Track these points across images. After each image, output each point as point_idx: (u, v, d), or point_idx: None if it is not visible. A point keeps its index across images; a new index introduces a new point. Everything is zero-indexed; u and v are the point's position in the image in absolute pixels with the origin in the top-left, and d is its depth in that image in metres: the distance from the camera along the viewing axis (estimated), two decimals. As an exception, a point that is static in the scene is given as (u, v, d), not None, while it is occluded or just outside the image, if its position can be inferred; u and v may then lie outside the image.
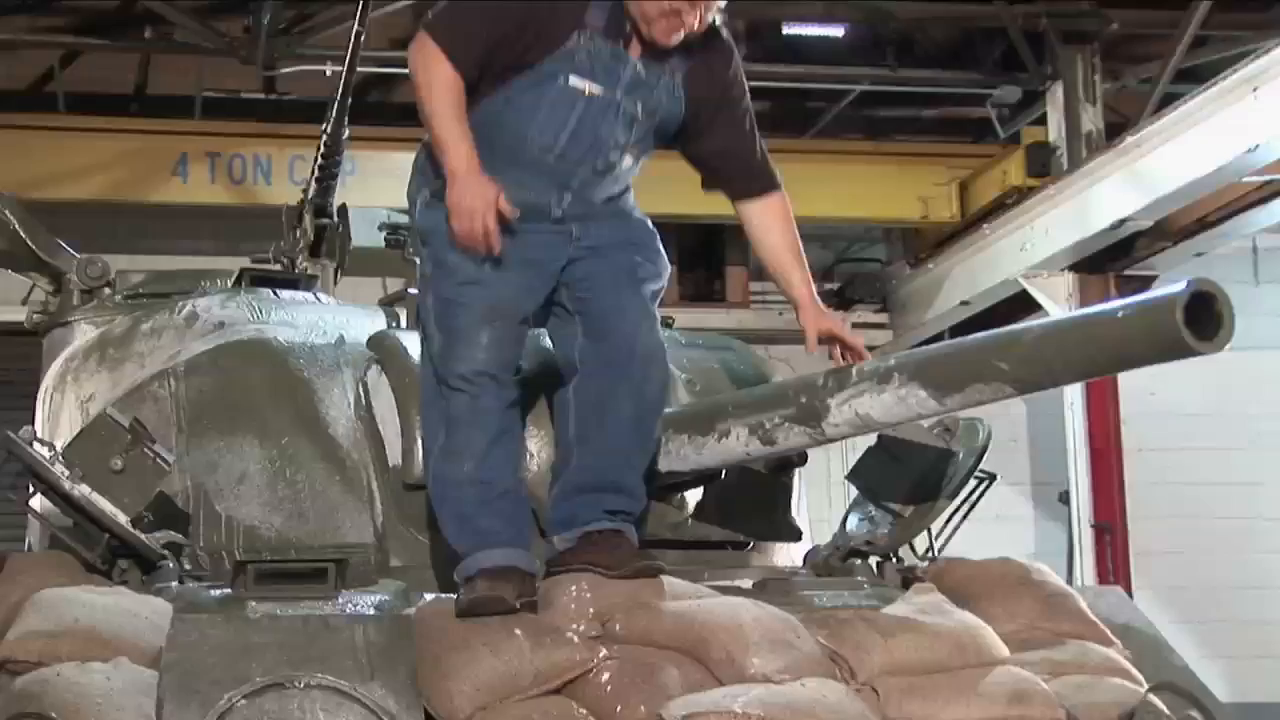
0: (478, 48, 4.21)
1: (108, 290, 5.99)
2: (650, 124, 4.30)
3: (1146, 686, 4.17)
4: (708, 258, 13.83)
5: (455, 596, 4.07)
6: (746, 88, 4.52)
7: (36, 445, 4.39)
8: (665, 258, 4.48)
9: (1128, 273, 11.16)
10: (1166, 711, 4.07)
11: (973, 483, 4.85)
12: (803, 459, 4.95)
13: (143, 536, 4.44)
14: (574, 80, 4.18)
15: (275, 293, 5.74)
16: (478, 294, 4.17)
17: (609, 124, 4.24)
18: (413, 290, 5.83)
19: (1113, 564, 11.09)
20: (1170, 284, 3.75)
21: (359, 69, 6.63)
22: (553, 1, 4.23)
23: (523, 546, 4.20)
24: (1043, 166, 11.80)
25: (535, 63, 4.19)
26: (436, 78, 4.20)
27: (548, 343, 4.51)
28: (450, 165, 4.13)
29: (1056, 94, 11.96)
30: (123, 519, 4.40)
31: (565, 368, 4.38)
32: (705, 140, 4.47)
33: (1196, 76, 10.59)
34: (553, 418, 4.51)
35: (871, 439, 4.83)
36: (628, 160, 4.34)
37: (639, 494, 4.34)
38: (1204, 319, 3.64)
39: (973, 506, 4.92)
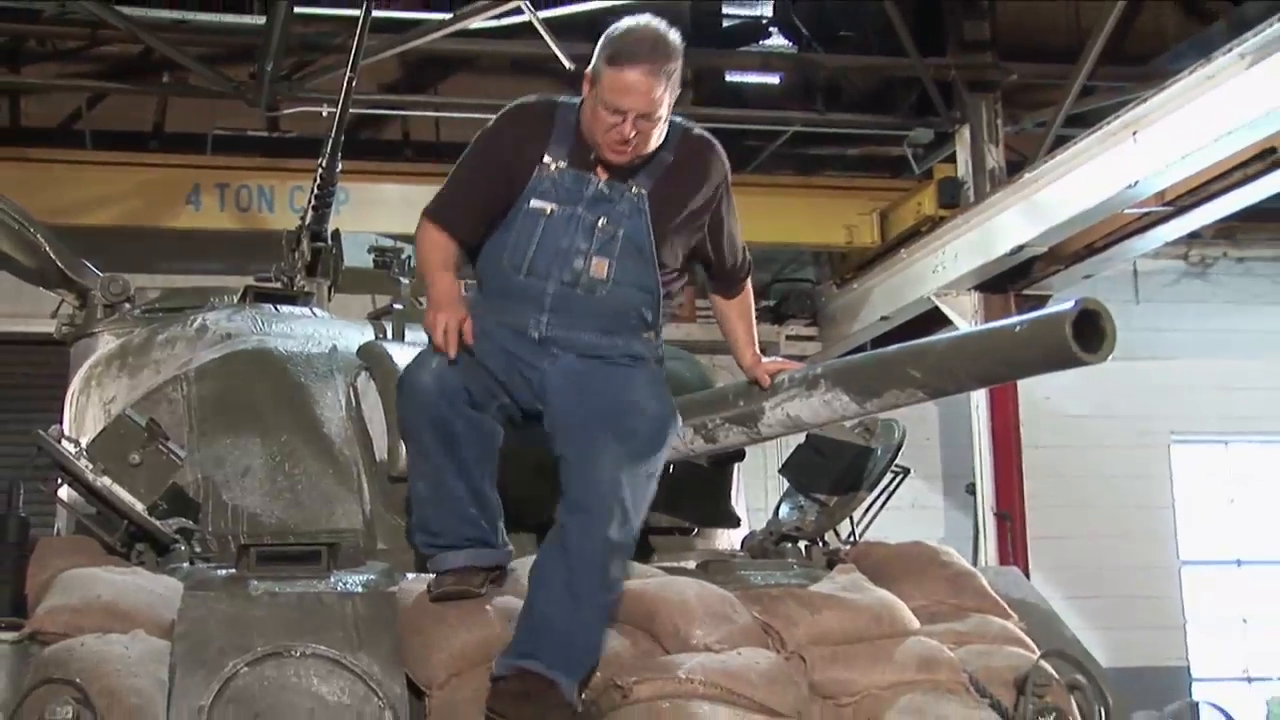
0: (461, 210, 4.15)
1: (128, 305, 5.95)
2: (612, 232, 4.03)
3: (1039, 654, 4.18)
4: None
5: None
6: (723, 205, 4.27)
7: (64, 442, 4.37)
8: (663, 413, 4.08)
9: (1026, 292, 11.21)
10: (1055, 675, 4.07)
11: (890, 476, 4.87)
12: (741, 455, 4.95)
13: (157, 523, 4.42)
14: (534, 203, 4.05)
15: (276, 308, 5.72)
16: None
17: (569, 234, 4.03)
18: (398, 305, 5.83)
19: (1013, 547, 11.12)
20: (1061, 303, 3.77)
21: (351, 110, 6.60)
22: (517, 147, 4.11)
23: (486, 545, 4.08)
24: (952, 199, 11.85)
25: (515, 201, 4.08)
26: (426, 238, 4.19)
27: None
28: (431, 296, 4.11)
29: (964, 135, 12.02)
30: (140, 507, 4.38)
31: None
32: (679, 248, 4.21)
33: (1085, 121, 10.64)
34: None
35: (801, 438, 4.85)
36: (597, 268, 4.03)
37: (562, 650, 3.78)
38: (1090, 333, 3.67)
39: (889, 497, 4.94)
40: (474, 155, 4.22)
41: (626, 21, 4.03)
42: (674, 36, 3.99)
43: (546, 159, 4.07)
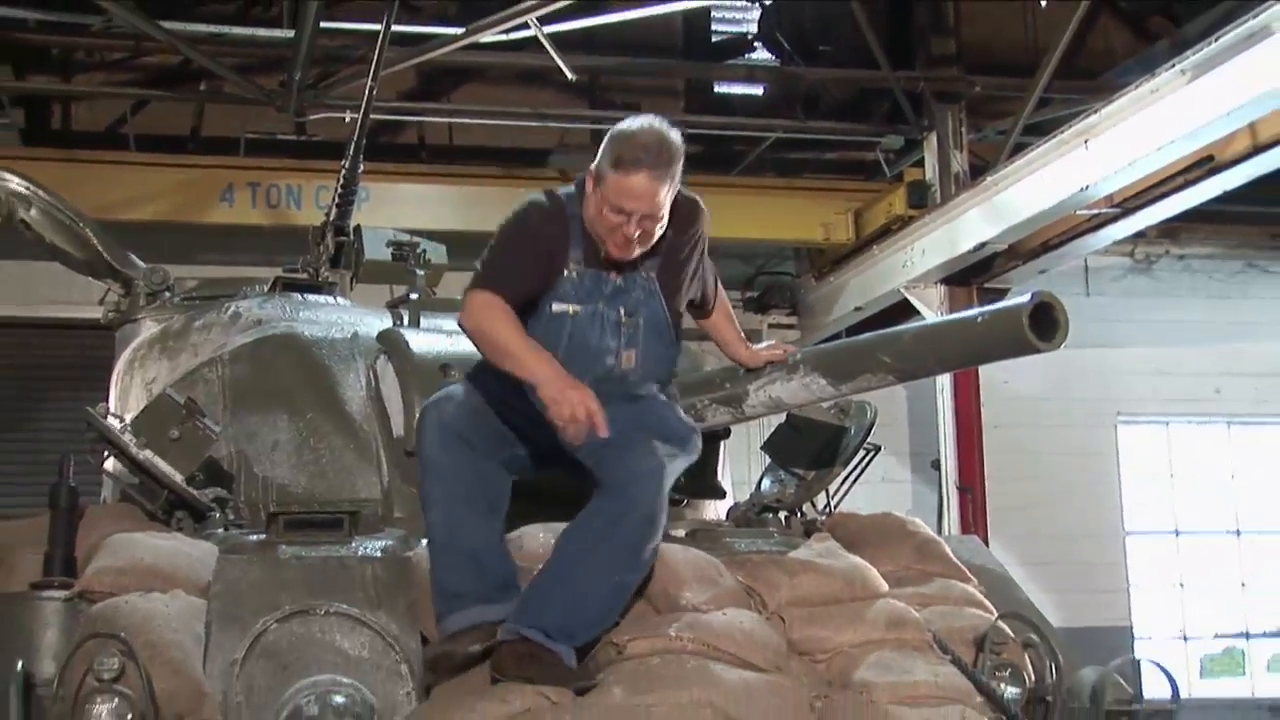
0: (515, 281, 3.86)
1: (168, 293, 5.95)
2: (635, 323, 3.93)
3: (996, 615, 4.20)
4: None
5: None
6: (704, 253, 4.16)
7: (110, 418, 4.37)
8: (691, 425, 4.03)
9: (987, 285, 11.17)
10: (1011, 634, 4.10)
11: (862, 453, 4.87)
12: (727, 433, 4.95)
13: (194, 492, 4.43)
14: (556, 306, 3.87)
15: (303, 296, 5.71)
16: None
17: (596, 333, 3.89)
18: (414, 295, 5.82)
19: (973, 518, 11.12)
20: (1019, 295, 3.77)
21: (372, 116, 6.59)
22: (550, 251, 3.89)
23: (494, 602, 3.80)
24: (920, 200, 11.81)
25: (538, 301, 3.90)
26: (491, 312, 3.82)
27: None
28: (537, 378, 3.72)
29: (932, 142, 11.99)
30: (178, 478, 4.38)
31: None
32: (683, 305, 4.14)
33: (1041, 130, 10.62)
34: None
35: (781, 417, 4.85)
36: (627, 360, 3.93)
37: (568, 623, 3.69)
38: (1045, 324, 3.68)
39: (862, 472, 4.94)
40: (514, 243, 3.93)
41: (630, 123, 3.87)
42: (674, 137, 3.84)
43: (570, 262, 3.90)
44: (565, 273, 3.91)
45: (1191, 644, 13.60)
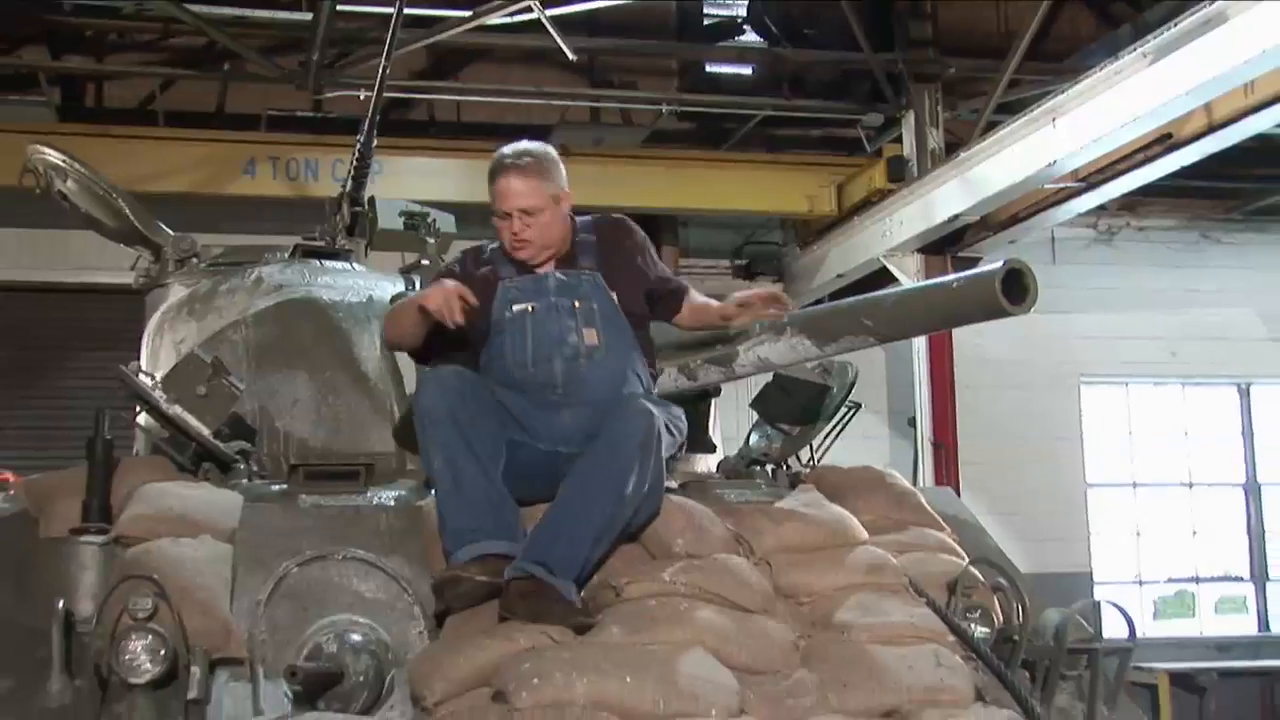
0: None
1: (195, 260, 5.93)
2: (589, 307, 4.05)
3: (968, 561, 4.20)
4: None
5: None
6: (652, 256, 4.30)
7: (142, 376, 4.36)
8: (679, 411, 4.07)
9: (960, 255, 11.14)
10: (981, 579, 4.10)
11: (844, 410, 4.87)
12: (717, 391, 4.94)
13: (220, 445, 4.42)
14: (515, 307, 4.05)
15: (321, 262, 5.70)
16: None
17: (557, 319, 4.03)
18: (425, 261, 5.81)
19: (946, 472, 11.15)
20: (991, 262, 3.76)
21: (385, 94, 6.54)
22: (479, 275, 4.13)
23: (501, 539, 3.75)
24: (898, 174, 11.77)
25: (489, 316, 4.06)
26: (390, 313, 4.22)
27: None
28: (418, 301, 4.02)
29: (909, 120, 11.94)
30: (206, 432, 4.37)
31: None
32: (634, 305, 4.19)
33: (1012, 109, 10.58)
34: None
35: (769, 377, 4.84)
36: (589, 337, 4.03)
37: (567, 560, 3.68)
38: (1016, 289, 3.66)
39: (844, 428, 4.93)
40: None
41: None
42: (535, 146, 4.11)
43: (503, 277, 4.11)
44: (502, 284, 4.08)
45: (1146, 588, 13.65)
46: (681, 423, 4.09)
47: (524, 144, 4.13)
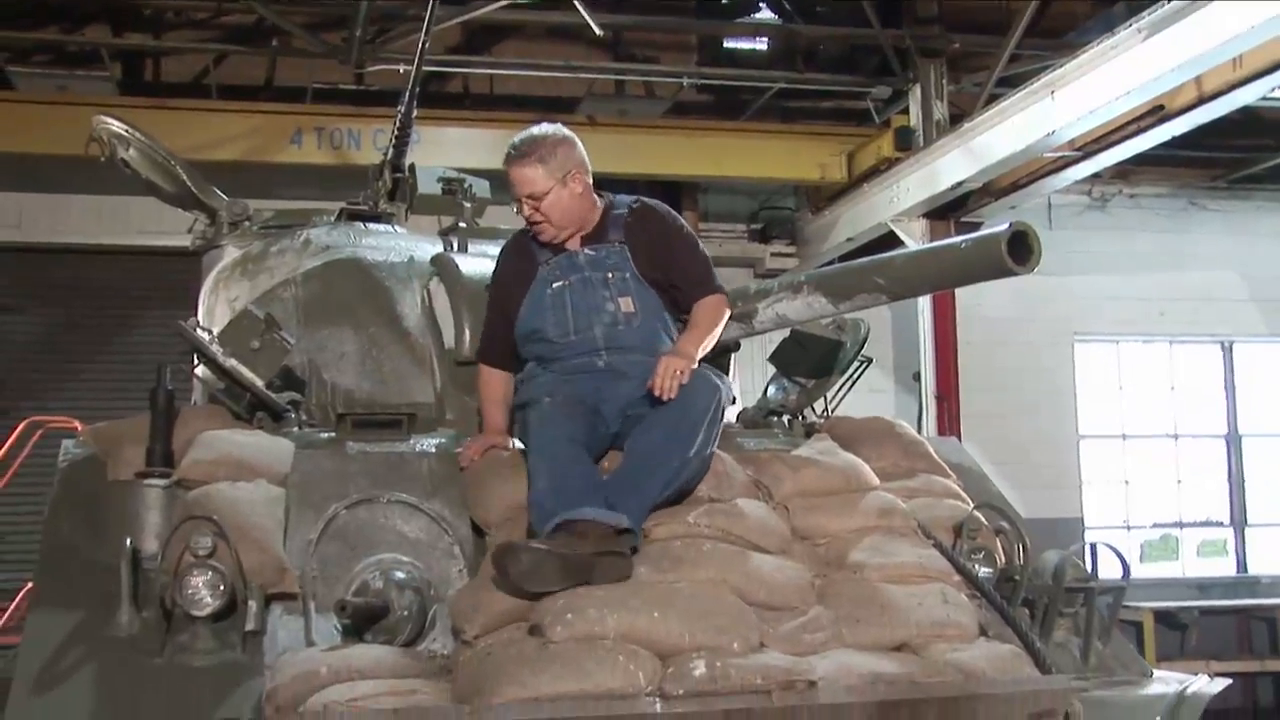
0: (494, 339, 4.28)
1: (247, 223, 5.90)
2: (622, 277, 4.08)
3: (972, 506, 4.18)
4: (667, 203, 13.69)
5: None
6: (681, 246, 4.19)
7: (199, 331, 4.35)
8: (722, 385, 3.92)
9: (963, 220, 11.06)
10: (985, 522, 4.09)
11: (856, 364, 4.84)
12: (737, 346, 4.91)
13: (273, 396, 4.41)
14: (555, 285, 4.10)
15: (365, 225, 5.67)
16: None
17: (593, 290, 4.06)
18: (462, 224, 5.77)
19: (949, 424, 11.12)
20: (993, 226, 3.72)
21: (424, 68, 6.49)
22: (515, 270, 4.21)
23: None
24: (906, 143, 11.66)
25: (537, 292, 4.12)
26: (481, 379, 4.33)
27: None
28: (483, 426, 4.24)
29: (916, 93, 11.82)
30: (259, 383, 4.37)
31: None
32: (663, 277, 4.15)
33: (1013, 82, 10.47)
34: None
35: (786, 332, 4.81)
36: (625, 305, 4.05)
37: (635, 506, 3.60)
38: (1020, 250, 3.62)
39: (856, 380, 4.91)
40: (490, 298, 4.34)
41: None
42: (540, 131, 4.10)
43: (541, 261, 4.15)
44: (541, 266, 4.13)
45: (1133, 532, 13.61)
46: (732, 394, 4.09)
47: (529, 131, 4.12)
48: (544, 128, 4.13)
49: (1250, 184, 13.72)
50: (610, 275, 4.08)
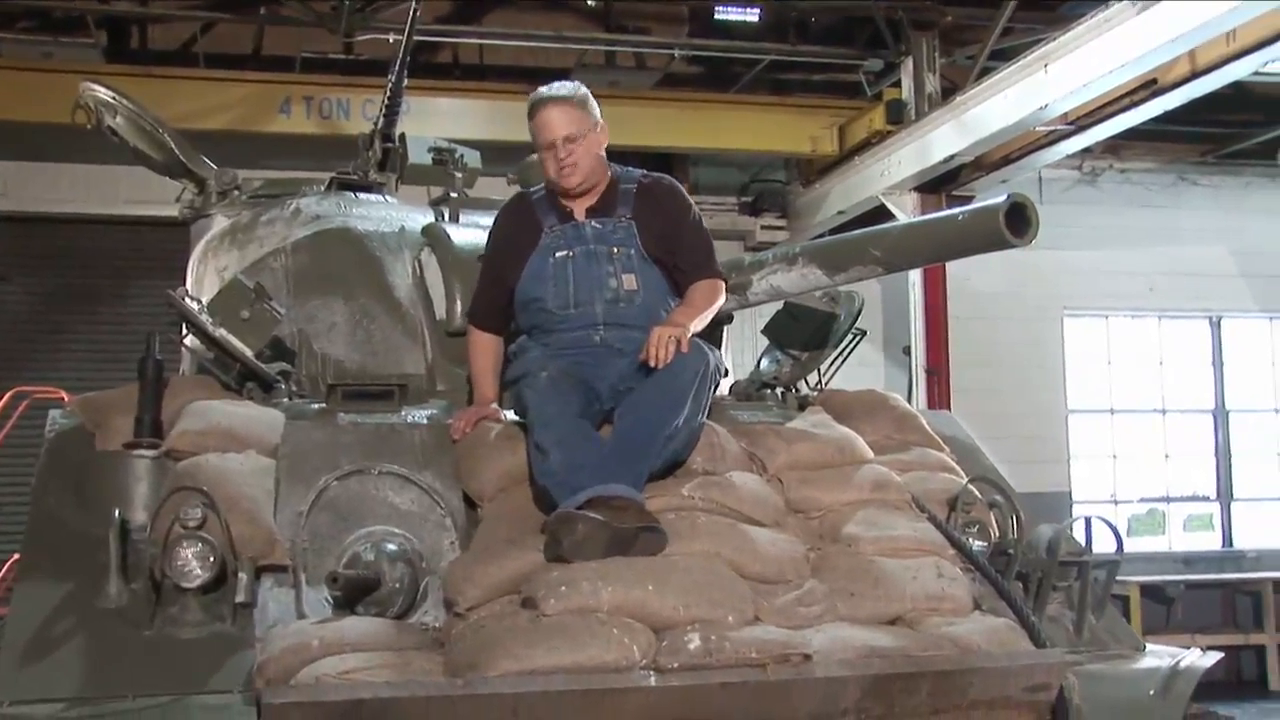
0: (490, 304, 4.16)
1: (236, 192, 5.86)
2: (627, 253, 4.01)
3: (966, 479, 4.17)
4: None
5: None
6: (689, 228, 4.11)
7: (188, 300, 4.30)
8: (713, 355, 3.85)
9: (955, 193, 11.07)
10: (979, 495, 4.08)
11: (850, 337, 4.81)
12: (730, 318, 4.87)
13: (263, 366, 4.38)
14: (559, 254, 4.01)
15: (355, 195, 5.63)
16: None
17: (598, 264, 3.99)
18: (453, 194, 5.72)
19: (939, 398, 11.13)
20: (984, 200, 3.69)
21: (414, 38, 6.43)
22: (515, 234, 4.11)
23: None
24: (897, 117, 11.63)
25: (539, 260, 4.04)
26: (471, 343, 4.23)
27: None
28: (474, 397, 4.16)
29: (908, 65, 11.78)
30: (249, 353, 4.33)
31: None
32: (667, 256, 4.07)
33: (1005, 55, 10.46)
34: None
35: (780, 304, 4.78)
36: (628, 283, 3.99)
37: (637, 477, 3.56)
38: (1018, 222, 3.60)
39: (850, 353, 4.88)
40: (485, 260, 4.25)
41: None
42: (569, 83, 4.07)
43: (546, 226, 4.06)
44: (545, 234, 4.04)
45: (1121, 506, 13.65)
46: (724, 367, 4.04)
47: (558, 83, 4.07)
48: (570, 84, 4.07)
49: (1240, 159, 13.71)
50: (615, 250, 4.01)
